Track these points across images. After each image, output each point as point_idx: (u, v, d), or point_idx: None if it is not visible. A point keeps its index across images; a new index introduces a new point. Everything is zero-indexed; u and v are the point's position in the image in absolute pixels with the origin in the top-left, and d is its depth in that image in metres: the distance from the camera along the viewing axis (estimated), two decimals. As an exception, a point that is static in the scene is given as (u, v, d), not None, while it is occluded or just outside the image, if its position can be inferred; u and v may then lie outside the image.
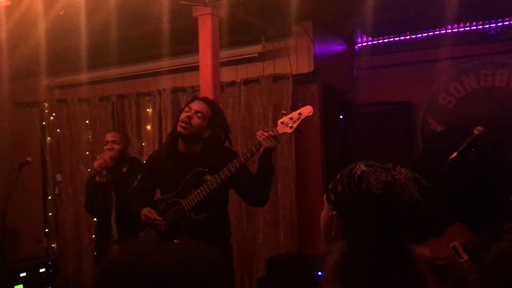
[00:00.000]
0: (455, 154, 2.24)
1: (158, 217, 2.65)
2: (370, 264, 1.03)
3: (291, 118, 2.52)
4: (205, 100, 2.77)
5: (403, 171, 1.10)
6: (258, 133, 2.52)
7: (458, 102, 4.34)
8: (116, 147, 3.35)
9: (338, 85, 4.39)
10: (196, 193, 2.61)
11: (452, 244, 2.44)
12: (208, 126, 2.68)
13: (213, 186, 2.57)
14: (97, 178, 3.22)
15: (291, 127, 2.51)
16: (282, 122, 2.54)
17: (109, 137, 3.43)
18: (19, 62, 4.39)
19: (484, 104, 4.19)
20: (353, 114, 4.55)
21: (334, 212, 1.13)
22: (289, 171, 3.98)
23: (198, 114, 2.64)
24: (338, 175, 1.15)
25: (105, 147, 3.36)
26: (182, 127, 2.64)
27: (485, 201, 2.40)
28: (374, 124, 4.59)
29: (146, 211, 2.68)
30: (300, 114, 2.51)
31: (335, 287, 1.05)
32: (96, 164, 3.24)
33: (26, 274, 4.42)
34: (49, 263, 4.66)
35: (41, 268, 4.57)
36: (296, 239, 3.92)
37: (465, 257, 2.40)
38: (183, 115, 2.65)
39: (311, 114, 2.52)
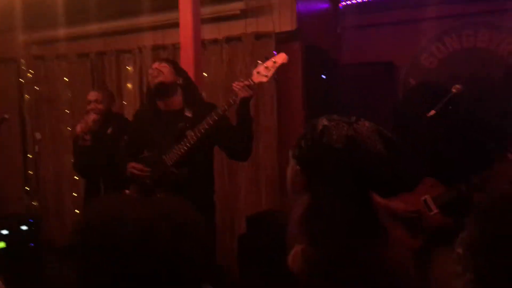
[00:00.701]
0: (433, 112, 2.26)
1: (144, 168, 2.68)
2: (333, 217, 1.05)
3: (266, 67, 2.52)
4: (162, 60, 2.87)
5: (366, 124, 1.11)
6: (233, 84, 2.53)
7: (440, 63, 4.34)
8: (100, 106, 3.29)
9: (321, 44, 4.34)
10: (177, 148, 2.62)
11: (423, 198, 2.48)
12: (177, 74, 2.74)
13: (193, 140, 2.58)
14: (79, 142, 3.17)
15: (266, 76, 2.51)
16: (258, 72, 2.54)
17: (91, 95, 3.34)
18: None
19: (465, 65, 4.20)
20: (336, 74, 4.53)
21: (298, 167, 1.14)
22: (271, 130, 3.98)
23: (162, 64, 2.76)
24: (303, 131, 1.16)
25: (88, 107, 3.29)
26: (153, 77, 2.73)
27: (459, 158, 2.43)
28: (357, 84, 4.57)
29: (132, 164, 2.74)
30: (274, 62, 2.52)
31: (299, 241, 1.07)
32: (78, 128, 3.19)
33: (8, 231, 4.43)
34: (31, 220, 4.66)
35: (23, 225, 4.57)
36: (278, 197, 3.97)
37: (435, 210, 2.45)
38: (149, 72, 2.79)
39: (285, 61, 2.52)
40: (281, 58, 2.53)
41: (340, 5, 4.70)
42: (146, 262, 0.92)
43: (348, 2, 4.66)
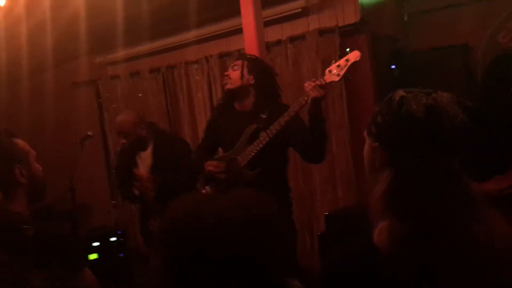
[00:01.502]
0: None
1: (220, 164, 2.75)
2: (420, 190, 1.00)
3: (338, 66, 2.46)
4: (239, 55, 2.92)
5: (445, 95, 1.04)
6: (305, 84, 2.49)
7: (519, 39, 4.06)
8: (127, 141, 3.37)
9: (388, 33, 4.21)
10: (250, 149, 2.64)
11: None
12: (250, 72, 2.74)
13: (265, 141, 2.59)
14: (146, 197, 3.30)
15: (338, 74, 2.45)
16: (329, 71, 2.49)
17: (119, 127, 3.39)
18: (69, 42, 4.52)
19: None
20: (407, 62, 4.37)
21: (376, 144, 1.10)
22: (343, 126, 3.92)
23: (234, 67, 2.77)
24: (377, 108, 1.11)
25: (120, 141, 3.40)
26: (225, 84, 2.80)
27: None
28: (430, 70, 4.37)
29: (208, 162, 2.80)
30: (347, 60, 2.45)
31: (383, 217, 1.03)
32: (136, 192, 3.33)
33: (99, 243, 4.68)
34: (119, 232, 4.91)
35: (112, 237, 4.82)
36: (355, 194, 3.89)
37: None
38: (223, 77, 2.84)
39: (358, 59, 2.44)
40: (354, 56, 2.45)
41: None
42: (230, 254, 0.93)
43: (413, -13, 4.49)
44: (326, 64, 3.86)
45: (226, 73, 2.81)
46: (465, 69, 4.30)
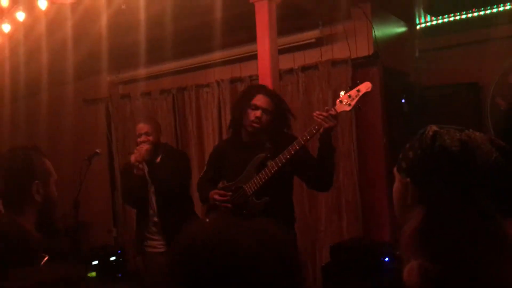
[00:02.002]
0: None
1: (227, 193, 2.73)
2: (451, 227, 0.98)
3: (349, 96, 2.47)
4: (267, 93, 2.77)
5: (477, 133, 1.04)
6: (315, 114, 2.49)
7: (529, 80, 4.09)
8: (150, 138, 3.39)
9: (400, 68, 4.26)
10: (258, 178, 2.63)
11: None
12: (273, 117, 2.73)
13: (274, 170, 2.58)
14: (135, 171, 3.29)
15: (349, 104, 2.46)
16: (340, 101, 2.50)
17: (141, 128, 3.43)
18: (84, 59, 4.57)
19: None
20: (417, 97, 4.40)
21: (407, 179, 1.08)
22: (351, 155, 3.91)
23: (267, 112, 2.70)
24: (408, 144, 1.11)
25: (139, 140, 3.39)
26: (254, 127, 2.70)
27: None
28: (439, 107, 4.40)
29: (214, 193, 2.78)
30: (358, 91, 2.46)
31: (415, 255, 1.00)
32: (133, 158, 3.31)
33: (98, 262, 4.64)
34: (119, 251, 4.87)
35: (112, 256, 4.78)
36: (360, 225, 3.86)
37: None
38: (252, 115, 2.69)
39: (369, 90, 2.46)
40: (365, 87, 2.47)
41: (417, 27, 4.60)
42: (247, 284, 0.91)
43: (425, 24, 4.56)
44: (337, 94, 3.92)
45: (256, 114, 2.67)
46: (474, 107, 4.33)
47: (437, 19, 4.49)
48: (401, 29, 4.48)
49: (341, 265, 3.28)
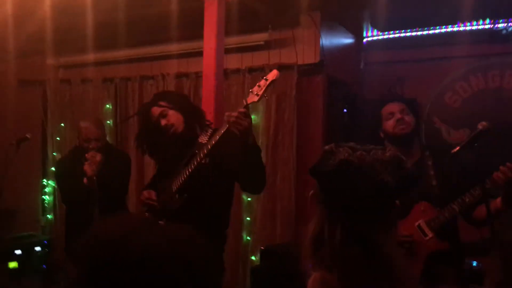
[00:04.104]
0: (457, 148, 2.21)
1: (153, 197, 2.70)
2: (332, 243, 1.02)
3: (258, 86, 2.40)
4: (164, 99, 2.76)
5: (379, 153, 1.08)
6: (226, 114, 2.40)
7: (464, 102, 4.28)
8: (99, 144, 3.26)
9: (344, 78, 4.33)
10: (181, 174, 2.61)
11: (416, 223, 2.48)
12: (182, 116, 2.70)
13: (194, 166, 2.55)
14: (88, 184, 3.14)
15: (257, 94, 2.39)
16: (251, 91, 2.43)
17: (91, 133, 3.29)
18: (25, 39, 4.36)
19: (490, 105, 4.12)
20: (358, 109, 4.50)
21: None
22: (289, 161, 3.94)
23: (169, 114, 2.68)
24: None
25: (88, 145, 3.23)
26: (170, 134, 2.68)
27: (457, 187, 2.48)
28: (379, 119, 4.51)
29: (143, 192, 2.77)
30: (266, 79, 2.39)
31: (311, 261, 1.04)
32: (89, 171, 3.13)
33: (22, 252, 4.43)
34: (45, 242, 4.67)
35: (37, 246, 4.58)
36: (293, 231, 3.89)
37: (430, 235, 2.44)
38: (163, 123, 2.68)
39: (276, 77, 2.38)
40: (272, 75, 2.40)
41: (364, 40, 4.71)
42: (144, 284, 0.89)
43: (373, 38, 4.67)
44: (281, 98, 3.96)
45: (171, 122, 2.67)
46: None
47: (383, 34, 4.62)
48: (348, 40, 4.57)
49: (269, 269, 3.30)
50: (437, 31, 4.36)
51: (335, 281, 0.99)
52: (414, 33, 4.47)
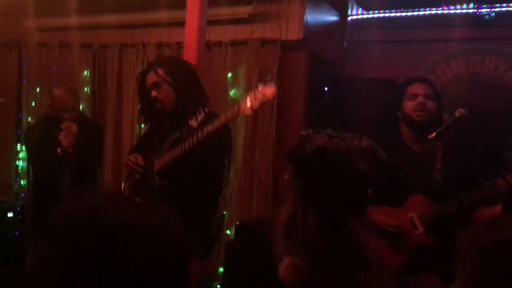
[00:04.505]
0: (433, 134, 2.23)
1: (140, 163, 2.63)
2: (304, 230, 1.02)
3: (255, 96, 2.37)
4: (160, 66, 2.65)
5: (356, 142, 1.09)
6: None
7: (444, 85, 4.31)
8: (74, 115, 3.22)
9: (327, 56, 4.31)
10: (164, 156, 2.55)
11: (409, 215, 2.42)
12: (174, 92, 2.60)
13: (178, 153, 2.48)
14: (66, 155, 3.08)
15: (252, 108, 2.36)
16: (245, 96, 2.42)
17: (66, 102, 3.20)
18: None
19: (469, 90, 4.17)
20: (340, 87, 4.49)
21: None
22: (268, 137, 3.94)
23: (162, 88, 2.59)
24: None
25: (63, 115, 3.16)
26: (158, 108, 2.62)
27: (451, 179, 2.41)
28: (360, 98, 4.53)
29: (130, 156, 2.72)
30: (264, 96, 2.37)
31: (282, 246, 1.05)
32: (65, 142, 3.07)
33: (-6, 218, 4.38)
34: (18, 208, 4.62)
35: (10, 212, 4.53)
36: (270, 206, 3.92)
37: (420, 229, 2.39)
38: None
39: (272, 96, 2.38)
40: (269, 92, 2.36)
41: (348, 19, 4.67)
42: (116, 263, 0.88)
43: (357, 17, 4.64)
44: (263, 72, 3.92)
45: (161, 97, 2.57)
46: (391, 103, 4.49)
47: (368, 13, 4.59)
48: (333, 18, 4.53)
49: (244, 244, 3.33)
50: (421, 13, 4.35)
51: (306, 267, 0.99)
52: (398, 14, 4.45)
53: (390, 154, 1.15)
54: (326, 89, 4.38)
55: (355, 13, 4.64)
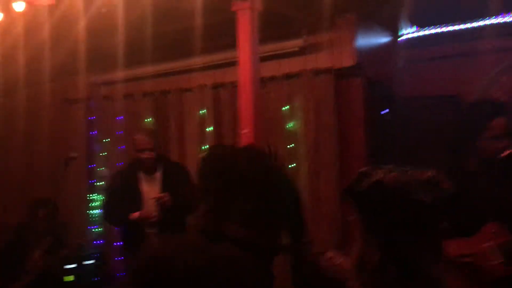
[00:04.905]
0: (508, 152, 2.06)
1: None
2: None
3: None
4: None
5: (418, 173, 1.06)
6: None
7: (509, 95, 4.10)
8: (153, 154, 3.50)
9: (382, 78, 4.26)
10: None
11: (486, 245, 2.23)
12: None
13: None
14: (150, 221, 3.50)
15: None
16: None
17: (144, 143, 3.51)
18: (62, 60, 4.50)
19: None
20: (399, 108, 4.40)
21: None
22: (332, 166, 3.90)
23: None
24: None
25: (142, 155, 3.49)
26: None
27: None
28: (421, 118, 4.41)
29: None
30: None
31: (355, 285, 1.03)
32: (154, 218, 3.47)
33: (76, 265, 4.57)
34: (97, 255, 4.80)
35: (90, 260, 4.71)
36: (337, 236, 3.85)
37: (501, 259, 2.20)
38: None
39: None
40: None
41: (400, 38, 4.61)
42: None
43: (410, 35, 4.57)
44: (320, 103, 3.92)
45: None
46: (455, 120, 4.32)
47: (421, 31, 4.50)
48: (385, 39, 4.48)
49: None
50: (476, 23, 4.21)
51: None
52: (452, 28, 4.33)
53: (456, 181, 1.10)
54: (386, 111, 4.31)
55: (407, 32, 4.56)
